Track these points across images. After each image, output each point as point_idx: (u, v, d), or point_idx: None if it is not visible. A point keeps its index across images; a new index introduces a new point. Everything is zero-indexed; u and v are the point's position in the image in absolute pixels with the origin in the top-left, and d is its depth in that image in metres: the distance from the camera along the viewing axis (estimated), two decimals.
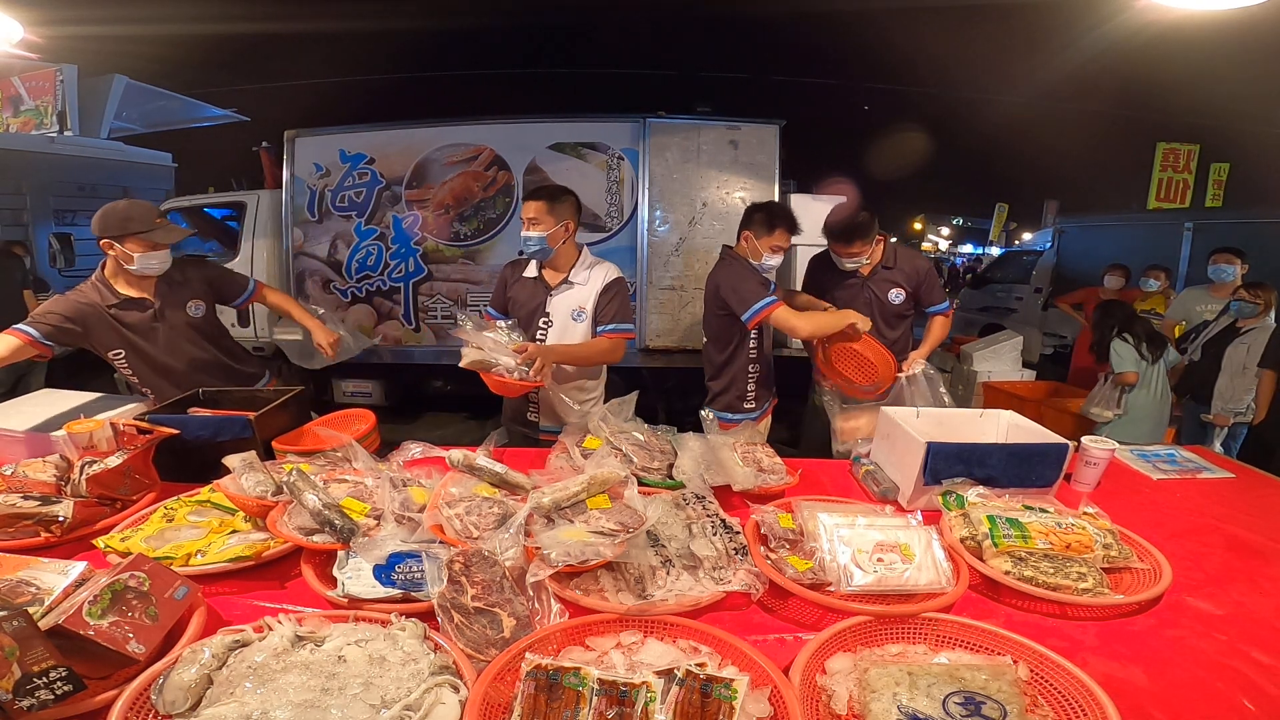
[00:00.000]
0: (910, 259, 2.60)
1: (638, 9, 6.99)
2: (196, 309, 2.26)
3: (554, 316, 2.26)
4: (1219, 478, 1.93)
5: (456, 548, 1.22)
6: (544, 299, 2.26)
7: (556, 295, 2.25)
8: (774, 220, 2.30)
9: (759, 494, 1.64)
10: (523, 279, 2.31)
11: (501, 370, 1.97)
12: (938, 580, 1.22)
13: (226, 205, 5.36)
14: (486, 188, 4.72)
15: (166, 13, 5.75)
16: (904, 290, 2.55)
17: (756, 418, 2.48)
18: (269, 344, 5.10)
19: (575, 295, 2.24)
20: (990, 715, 0.92)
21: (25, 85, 7.11)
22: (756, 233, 2.31)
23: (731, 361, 2.42)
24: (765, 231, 2.30)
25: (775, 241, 2.30)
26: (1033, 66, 7.30)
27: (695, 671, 0.93)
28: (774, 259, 2.32)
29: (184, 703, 0.90)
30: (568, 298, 2.24)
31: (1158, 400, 3.57)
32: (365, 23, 6.65)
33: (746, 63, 9.24)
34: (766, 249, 2.30)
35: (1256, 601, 1.28)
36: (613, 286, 2.24)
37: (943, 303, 2.62)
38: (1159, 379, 3.57)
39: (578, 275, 2.24)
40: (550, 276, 2.26)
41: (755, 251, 2.32)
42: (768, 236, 2.29)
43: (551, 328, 2.26)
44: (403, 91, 8.73)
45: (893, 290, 2.55)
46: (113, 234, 2.07)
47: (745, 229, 2.36)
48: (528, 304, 2.28)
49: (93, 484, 1.48)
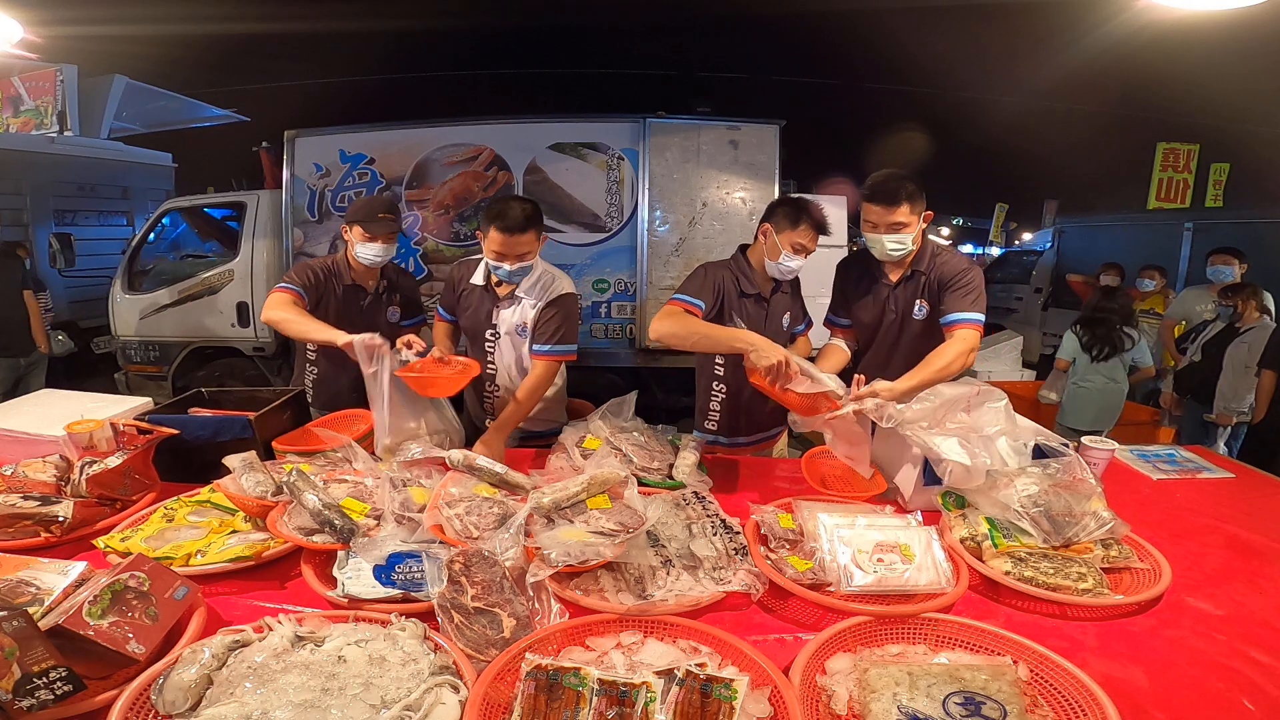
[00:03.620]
0: (950, 261, 2.01)
1: (638, 9, 6.98)
2: (394, 315, 2.37)
3: (500, 330, 2.14)
4: (1219, 478, 1.94)
5: (456, 548, 1.22)
6: (491, 309, 2.13)
7: (505, 308, 2.12)
8: (800, 214, 1.96)
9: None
10: (471, 285, 2.15)
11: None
12: (938, 581, 1.22)
13: (226, 205, 5.37)
14: (486, 188, 4.71)
15: (166, 13, 5.75)
16: (929, 304, 2.04)
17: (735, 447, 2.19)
18: (269, 344, 5.10)
19: (521, 310, 2.11)
20: (990, 715, 0.92)
21: (25, 85, 7.11)
22: (778, 226, 1.97)
23: (700, 373, 2.23)
24: (789, 225, 1.95)
25: (798, 238, 1.95)
26: (1033, 66, 7.29)
27: (695, 671, 0.93)
28: (794, 260, 1.98)
29: (184, 703, 0.90)
30: (515, 313, 2.12)
31: (1101, 392, 3.82)
32: (365, 23, 6.65)
33: (746, 63, 9.24)
34: (787, 245, 1.96)
35: (1256, 601, 1.28)
36: (559, 303, 2.06)
37: (968, 312, 1.92)
38: (1109, 375, 3.80)
39: (527, 289, 2.09)
40: (500, 287, 2.11)
41: (773, 249, 1.98)
42: (791, 231, 1.95)
43: (499, 341, 2.15)
44: (403, 91, 8.73)
45: (918, 303, 2.05)
46: (346, 220, 2.25)
47: (766, 221, 2.02)
48: (475, 314, 2.16)
49: (93, 484, 1.48)
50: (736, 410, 2.18)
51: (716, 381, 2.17)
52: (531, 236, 1.97)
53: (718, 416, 2.19)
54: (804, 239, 1.97)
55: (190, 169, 7.70)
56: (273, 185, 5.14)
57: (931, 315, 2.03)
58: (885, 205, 1.92)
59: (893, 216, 1.91)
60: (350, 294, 2.27)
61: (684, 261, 4.59)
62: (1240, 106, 7.09)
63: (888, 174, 1.96)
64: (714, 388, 2.18)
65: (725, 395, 2.17)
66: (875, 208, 1.94)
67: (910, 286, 2.05)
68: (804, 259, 2.01)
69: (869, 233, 1.98)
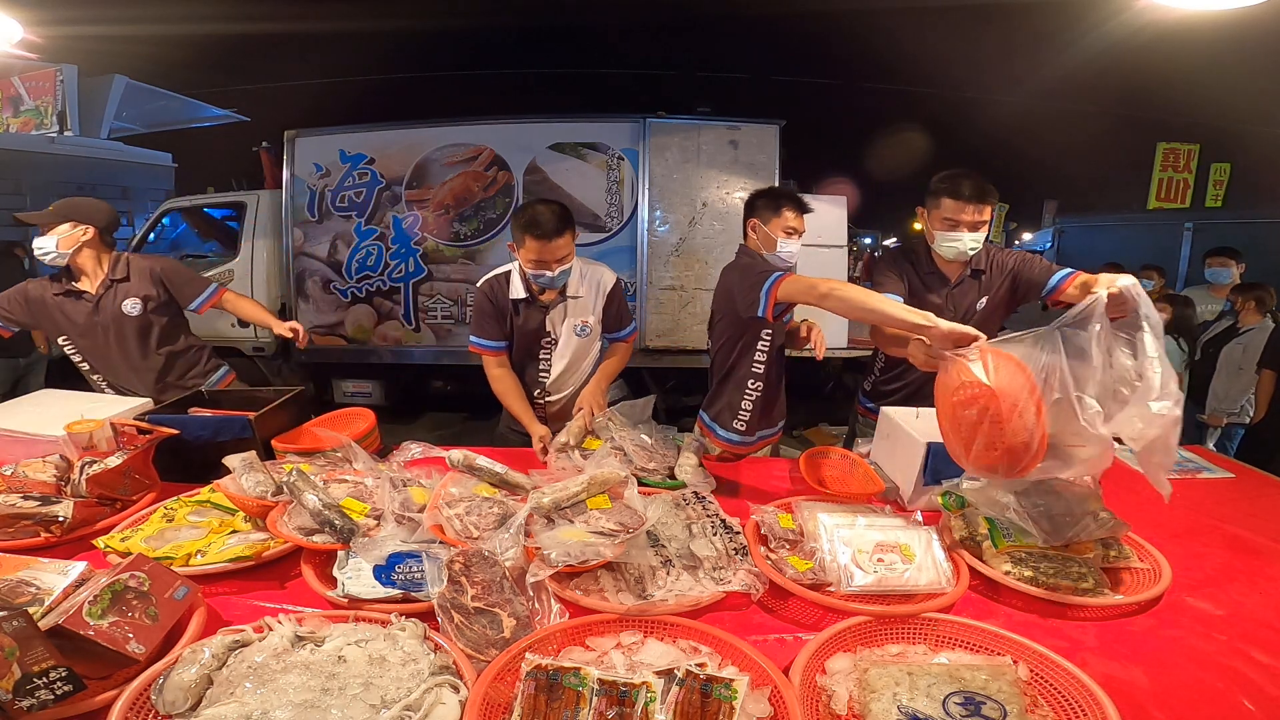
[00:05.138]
0: (1003, 256, 2.08)
1: (638, 9, 6.98)
2: (134, 307, 2.26)
3: (556, 335, 2.12)
4: (1219, 478, 1.93)
5: (456, 548, 1.22)
6: (541, 318, 2.09)
7: (554, 312, 2.10)
8: (779, 199, 2.02)
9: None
10: (514, 301, 2.08)
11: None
12: (938, 580, 1.22)
13: (226, 205, 5.37)
14: (486, 188, 4.72)
15: (166, 13, 5.75)
16: (990, 299, 2.05)
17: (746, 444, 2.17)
18: (269, 344, 5.10)
19: (576, 309, 2.11)
20: (990, 715, 0.92)
21: (25, 85, 7.10)
22: (764, 217, 2.03)
23: (732, 372, 2.17)
24: (772, 213, 2.01)
25: (787, 223, 2.00)
26: (1033, 66, 7.30)
27: (695, 671, 0.93)
28: (790, 244, 2.02)
29: (184, 703, 0.90)
30: (570, 312, 2.11)
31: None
32: (365, 23, 6.65)
33: (746, 63, 9.24)
34: (780, 231, 2.00)
35: (1256, 601, 1.28)
36: (614, 294, 2.14)
37: (1060, 271, 1.91)
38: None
39: (574, 287, 2.09)
40: (544, 294, 2.08)
41: (767, 240, 2.03)
42: (776, 218, 2.00)
43: (555, 347, 2.13)
44: (403, 91, 8.73)
45: (979, 300, 2.06)
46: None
47: (750, 217, 2.09)
48: (524, 326, 2.10)
49: (93, 484, 1.48)
50: (768, 405, 2.16)
51: (754, 379, 2.11)
52: (568, 238, 1.93)
53: (748, 415, 2.14)
54: (792, 221, 2.01)
55: (190, 169, 7.70)
56: (273, 185, 5.14)
57: (994, 311, 2.07)
58: (977, 203, 1.91)
59: (982, 215, 1.92)
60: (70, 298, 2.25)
61: (684, 261, 4.60)
62: (1240, 106, 7.08)
63: (966, 171, 1.95)
64: (749, 385, 2.12)
65: (761, 392, 2.13)
66: (968, 205, 1.91)
67: (972, 284, 2.06)
68: (799, 240, 2.04)
69: (947, 230, 1.95)
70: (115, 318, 2.22)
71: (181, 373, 2.35)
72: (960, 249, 1.95)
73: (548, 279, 1.96)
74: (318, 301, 5.00)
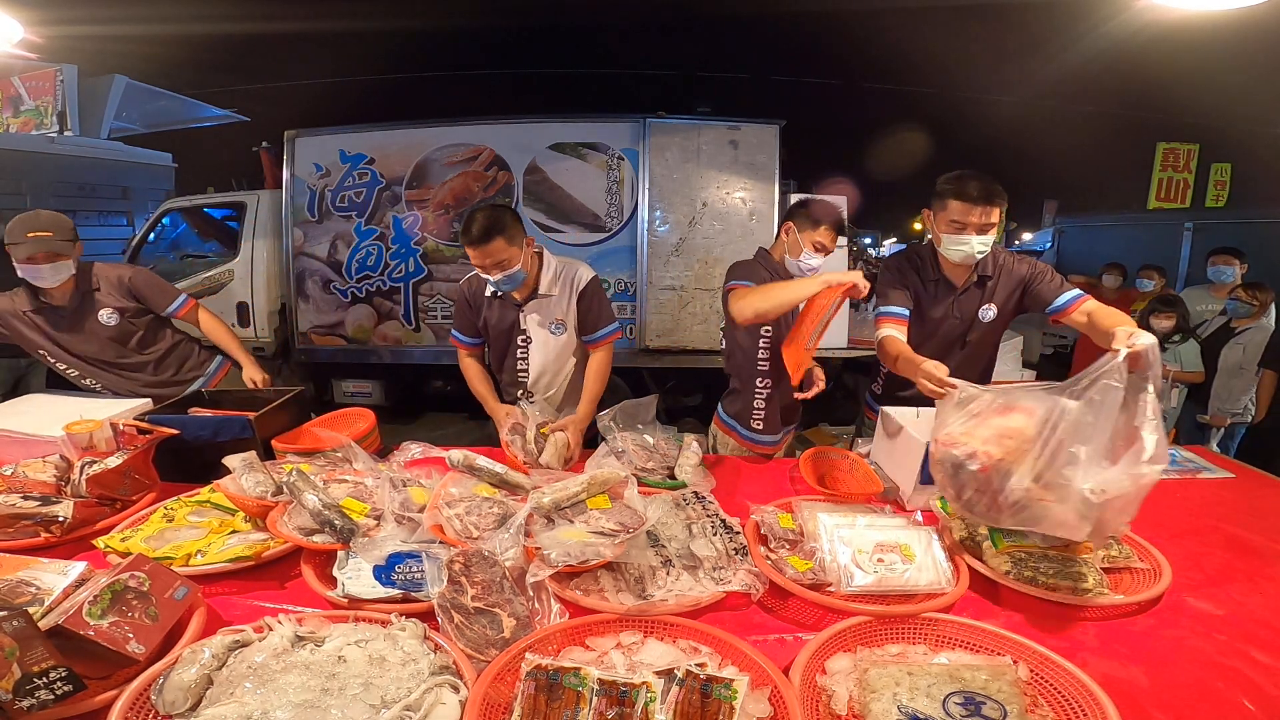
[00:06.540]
0: (1014, 263, 2.04)
1: (637, 9, 6.98)
2: (110, 317, 2.24)
3: (530, 333, 2.16)
4: (1219, 478, 1.93)
5: (456, 548, 1.22)
6: (516, 316, 2.15)
7: (528, 310, 2.14)
8: (822, 216, 2.02)
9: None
10: (486, 298, 2.16)
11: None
12: (938, 581, 1.22)
13: (226, 205, 5.37)
14: (486, 188, 4.72)
15: (166, 13, 5.74)
16: (997, 306, 2.04)
17: (771, 443, 2.20)
18: (269, 344, 5.10)
19: (550, 307, 2.13)
20: (990, 715, 0.92)
21: (25, 85, 7.10)
22: (800, 224, 2.03)
23: (741, 371, 2.21)
24: (810, 226, 2.01)
25: (819, 238, 2.01)
26: (1033, 67, 7.29)
27: (695, 671, 0.93)
28: (814, 258, 2.02)
29: (184, 703, 0.90)
30: (542, 310, 2.14)
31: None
32: (365, 23, 6.64)
33: (746, 63, 9.22)
34: (809, 244, 2.01)
35: (1256, 601, 1.28)
36: (589, 290, 2.13)
37: (1070, 291, 1.92)
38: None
39: (548, 285, 2.12)
40: (517, 291, 2.12)
41: (795, 246, 2.04)
42: (812, 231, 2.01)
43: (531, 344, 2.17)
44: (403, 91, 8.71)
45: (985, 306, 2.04)
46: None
47: (789, 220, 2.08)
48: (499, 324, 2.16)
49: (93, 484, 1.48)
50: (782, 403, 2.19)
51: (760, 378, 2.14)
52: (500, 244, 1.92)
53: (763, 414, 2.17)
54: (824, 239, 2.01)
55: (190, 169, 7.69)
56: (273, 185, 5.14)
57: (999, 318, 2.05)
58: (985, 204, 1.87)
59: (990, 217, 1.88)
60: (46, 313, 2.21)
61: (684, 261, 4.59)
62: (1240, 106, 7.08)
63: (973, 173, 1.91)
64: (758, 385, 2.15)
65: (769, 390, 2.16)
66: (975, 207, 1.87)
67: (978, 291, 2.04)
68: (824, 258, 2.03)
69: (954, 233, 1.91)
70: (93, 328, 2.21)
71: (175, 368, 2.36)
72: (968, 252, 1.91)
73: (494, 282, 2.02)
74: (318, 301, 5.00)
